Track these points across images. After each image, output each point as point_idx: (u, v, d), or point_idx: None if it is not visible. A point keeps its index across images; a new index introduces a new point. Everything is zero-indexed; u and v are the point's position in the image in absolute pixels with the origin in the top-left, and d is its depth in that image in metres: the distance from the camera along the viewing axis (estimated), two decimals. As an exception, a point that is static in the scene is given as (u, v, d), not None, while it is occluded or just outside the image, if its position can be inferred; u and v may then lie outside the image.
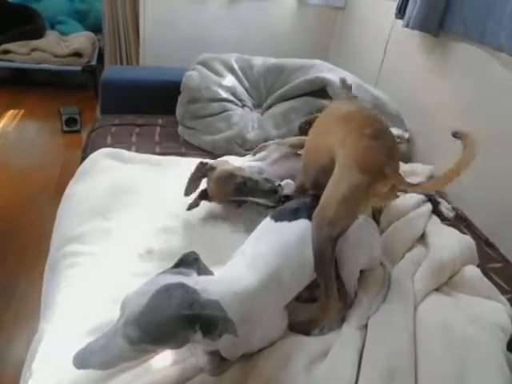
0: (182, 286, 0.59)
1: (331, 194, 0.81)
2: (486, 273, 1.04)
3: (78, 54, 2.99)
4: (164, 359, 0.70)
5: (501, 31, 1.15)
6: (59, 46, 3.03)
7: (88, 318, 0.74)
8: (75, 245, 0.92)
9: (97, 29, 3.27)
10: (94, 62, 3.10)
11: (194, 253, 0.68)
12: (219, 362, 0.69)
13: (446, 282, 0.95)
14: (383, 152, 0.79)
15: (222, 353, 0.69)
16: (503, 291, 0.99)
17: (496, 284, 1.01)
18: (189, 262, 0.67)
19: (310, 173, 0.97)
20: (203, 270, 0.68)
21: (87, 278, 0.84)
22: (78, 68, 3.00)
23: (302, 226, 0.83)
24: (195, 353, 0.70)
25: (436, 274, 0.91)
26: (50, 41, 3.04)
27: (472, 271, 0.96)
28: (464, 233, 1.21)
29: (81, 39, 3.13)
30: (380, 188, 0.78)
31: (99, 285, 0.81)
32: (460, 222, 1.27)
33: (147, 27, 2.09)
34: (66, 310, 0.77)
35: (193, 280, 0.63)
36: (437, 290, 0.93)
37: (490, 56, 1.25)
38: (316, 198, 0.86)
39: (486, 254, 1.15)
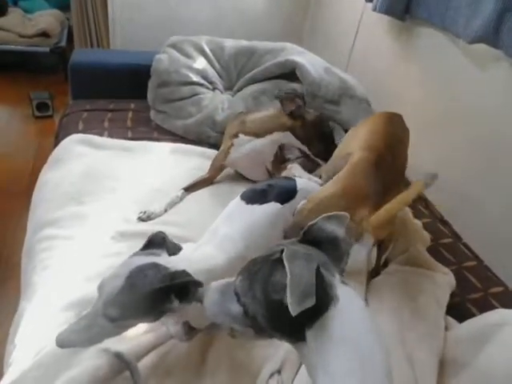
0: (154, 265, 0.64)
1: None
2: (436, 248, 1.15)
3: (45, 34, 2.87)
4: (137, 328, 0.75)
5: (459, 19, 1.20)
6: (24, 26, 2.89)
7: (64, 295, 0.79)
8: (50, 229, 0.95)
9: (64, 6, 3.12)
10: (63, 43, 2.99)
11: (161, 232, 0.71)
12: (188, 330, 0.77)
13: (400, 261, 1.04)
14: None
15: (191, 323, 0.75)
16: (450, 263, 1.10)
17: (444, 257, 1.12)
18: (157, 242, 0.70)
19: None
20: (172, 248, 0.72)
21: (62, 259, 0.88)
22: (46, 49, 2.88)
23: (272, 210, 0.89)
24: (166, 323, 0.77)
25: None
26: (14, 19, 2.90)
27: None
28: (422, 212, 1.31)
29: (48, 18, 2.99)
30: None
31: (73, 265, 0.86)
32: (419, 202, 1.37)
33: (116, 8, 2.04)
34: (43, 289, 0.82)
35: (164, 259, 0.67)
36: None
37: (450, 42, 1.31)
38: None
39: (439, 231, 1.25)
